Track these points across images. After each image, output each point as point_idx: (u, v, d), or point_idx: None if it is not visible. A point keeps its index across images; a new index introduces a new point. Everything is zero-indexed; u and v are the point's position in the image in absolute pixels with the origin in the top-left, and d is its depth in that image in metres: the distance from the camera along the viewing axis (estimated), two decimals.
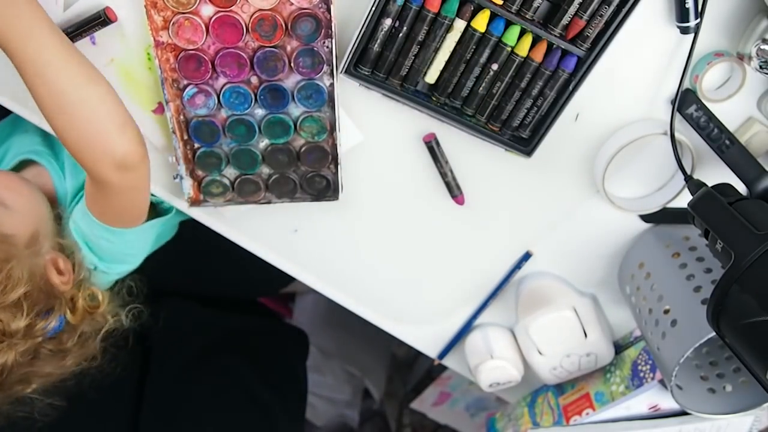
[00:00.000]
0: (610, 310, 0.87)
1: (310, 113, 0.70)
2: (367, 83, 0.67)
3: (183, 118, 0.69)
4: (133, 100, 0.69)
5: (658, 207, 0.76)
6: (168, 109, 0.68)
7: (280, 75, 0.67)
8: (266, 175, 0.75)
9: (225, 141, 0.71)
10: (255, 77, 0.67)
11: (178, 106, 0.68)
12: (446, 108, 0.69)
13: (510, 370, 0.86)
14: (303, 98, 0.68)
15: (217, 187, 0.74)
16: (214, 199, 0.75)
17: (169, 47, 0.64)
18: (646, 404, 0.80)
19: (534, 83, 0.66)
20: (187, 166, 0.72)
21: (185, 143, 0.71)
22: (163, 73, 0.65)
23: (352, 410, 1.55)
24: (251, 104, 0.68)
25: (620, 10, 0.61)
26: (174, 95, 0.67)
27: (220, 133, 0.70)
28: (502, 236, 0.82)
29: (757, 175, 0.64)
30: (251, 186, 0.75)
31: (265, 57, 0.65)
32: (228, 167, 0.73)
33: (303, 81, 0.67)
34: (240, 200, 0.75)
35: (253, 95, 0.68)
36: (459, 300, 0.88)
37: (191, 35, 0.63)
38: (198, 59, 0.65)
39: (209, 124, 0.70)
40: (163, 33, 0.63)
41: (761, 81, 0.70)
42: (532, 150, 0.71)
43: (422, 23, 0.63)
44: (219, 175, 0.74)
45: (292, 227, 0.80)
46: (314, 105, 0.69)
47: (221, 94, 0.68)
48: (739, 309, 0.54)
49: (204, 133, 0.70)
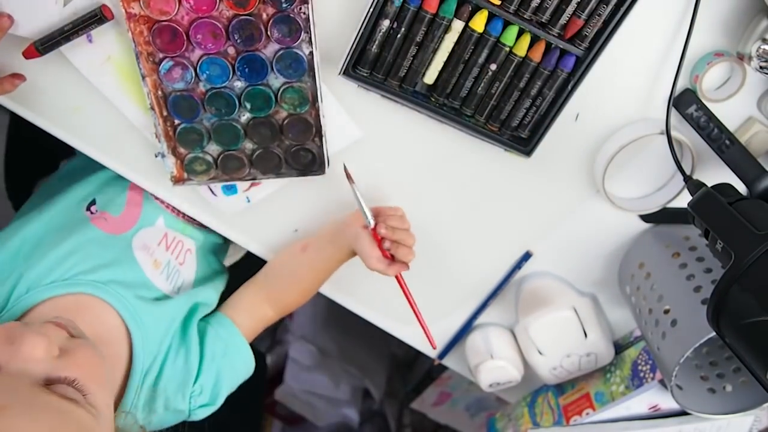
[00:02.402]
0: (610, 310, 0.87)
1: (290, 83, 0.68)
2: (366, 84, 0.67)
3: (161, 93, 0.67)
4: (130, 97, 0.69)
5: (658, 207, 0.76)
6: (145, 85, 0.66)
7: (258, 44, 0.65)
8: (250, 150, 0.73)
9: (205, 116, 0.69)
10: (232, 48, 0.65)
11: (155, 80, 0.66)
12: (445, 108, 0.69)
13: (510, 370, 0.86)
14: (282, 68, 0.66)
15: (201, 164, 0.72)
16: (198, 177, 0.73)
17: (142, 19, 0.62)
18: (646, 404, 0.80)
19: (533, 83, 0.66)
20: (169, 144, 0.70)
21: (165, 120, 0.69)
22: (137, 47, 0.63)
23: (352, 410, 1.55)
24: (230, 76, 0.66)
25: (618, 9, 0.61)
26: (150, 69, 0.65)
27: (199, 107, 0.68)
28: (502, 236, 0.82)
29: (757, 175, 0.64)
30: (235, 162, 0.73)
31: (240, 25, 0.63)
32: (210, 143, 0.71)
33: (281, 50, 0.65)
34: (224, 177, 0.74)
35: (231, 67, 0.66)
36: (459, 300, 0.88)
37: (163, 5, 0.62)
38: (172, 30, 0.63)
39: (188, 98, 0.67)
40: (135, 4, 0.61)
41: (761, 81, 0.69)
42: (532, 150, 0.71)
43: (420, 24, 0.63)
44: (201, 152, 0.71)
45: (292, 227, 0.80)
46: (294, 75, 0.67)
47: (198, 67, 0.66)
48: (739, 309, 0.54)
49: (183, 108, 0.68)
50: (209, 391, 0.71)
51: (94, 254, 0.68)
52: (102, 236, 0.71)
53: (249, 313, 0.77)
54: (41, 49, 0.63)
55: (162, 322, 0.69)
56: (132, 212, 0.75)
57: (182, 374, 0.70)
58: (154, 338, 0.68)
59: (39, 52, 0.64)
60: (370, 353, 1.55)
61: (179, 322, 0.72)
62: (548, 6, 0.61)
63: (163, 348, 0.69)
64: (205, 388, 0.71)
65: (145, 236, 0.75)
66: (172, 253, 0.76)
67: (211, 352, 0.72)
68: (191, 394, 0.70)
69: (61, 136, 0.72)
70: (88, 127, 0.72)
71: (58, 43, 0.63)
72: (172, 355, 0.69)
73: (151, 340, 0.68)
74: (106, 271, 0.67)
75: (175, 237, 0.78)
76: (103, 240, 0.70)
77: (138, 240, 0.73)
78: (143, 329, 0.67)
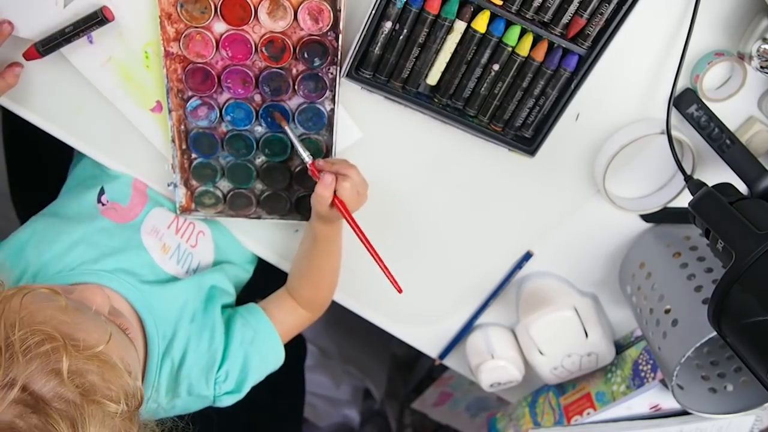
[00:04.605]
0: (611, 309, 0.87)
1: (308, 135, 0.71)
2: (369, 86, 0.67)
3: (184, 128, 0.70)
4: (131, 98, 0.69)
5: (658, 207, 0.76)
6: (170, 118, 0.68)
7: (284, 96, 0.68)
8: (259, 191, 0.75)
9: (222, 154, 0.72)
10: (259, 95, 0.68)
11: (180, 115, 0.69)
12: (448, 109, 0.69)
13: (511, 370, 0.86)
14: (303, 120, 0.70)
15: (210, 198, 0.75)
16: (205, 209, 0.76)
17: (178, 58, 0.65)
18: (647, 404, 0.80)
19: (536, 83, 0.66)
20: (183, 175, 0.73)
21: (183, 153, 0.72)
22: (169, 83, 0.66)
23: (353, 410, 1.55)
24: (252, 121, 0.69)
25: (621, 8, 0.61)
26: (177, 105, 0.68)
27: (218, 145, 0.71)
28: (502, 236, 0.82)
29: (758, 175, 0.64)
30: (243, 200, 0.75)
31: (270, 77, 0.66)
32: (222, 180, 0.74)
33: (305, 104, 0.69)
34: (230, 213, 0.76)
35: (255, 112, 0.69)
36: (460, 300, 0.88)
37: (201, 49, 0.64)
38: (205, 72, 0.66)
39: (209, 136, 0.70)
40: (174, 44, 0.64)
41: (762, 80, 0.70)
42: (536, 149, 0.71)
43: (422, 25, 0.63)
44: (213, 187, 0.75)
45: (293, 227, 0.80)
46: (313, 128, 0.70)
47: (224, 109, 0.69)
48: (740, 308, 0.54)
49: (203, 145, 0.71)
50: (235, 378, 0.71)
51: (100, 243, 0.69)
52: (110, 226, 0.71)
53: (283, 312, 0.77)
54: (42, 51, 0.63)
55: (174, 303, 0.70)
56: (140, 198, 0.76)
57: (206, 358, 0.70)
58: (166, 319, 0.68)
59: (40, 54, 0.64)
60: (370, 353, 1.55)
61: (199, 303, 0.72)
62: (550, 5, 0.62)
63: (182, 331, 0.69)
64: (231, 375, 0.71)
65: (155, 219, 0.75)
66: (182, 237, 0.76)
67: (239, 338, 0.72)
68: (216, 379, 0.70)
69: (62, 136, 0.72)
70: (89, 128, 0.72)
71: (59, 45, 0.63)
72: (194, 340, 0.70)
73: (164, 322, 0.68)
74: (110, 259, 0.68)
75: (185, 218, 0.78)
76: (110, 230, 0.71)
77: (147, 224, 0.74)
78: (153, 312, 0.67)
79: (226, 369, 0.71)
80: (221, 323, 0.72)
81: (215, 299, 0.74)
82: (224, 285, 0.77)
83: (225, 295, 0.76)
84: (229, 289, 0.77)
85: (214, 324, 0.71)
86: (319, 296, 0.79)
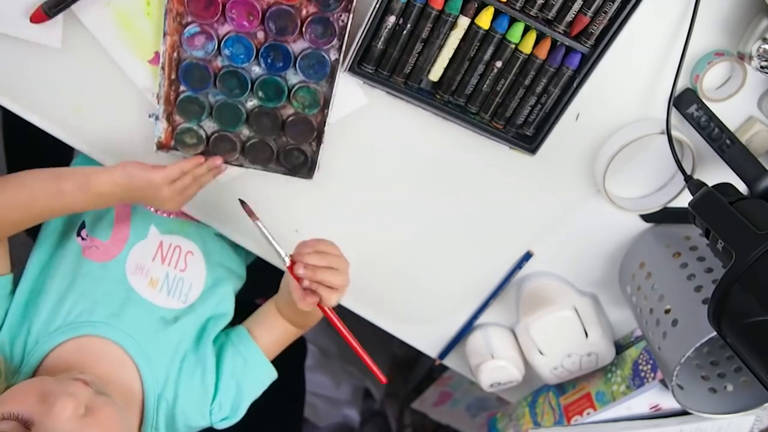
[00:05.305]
0: (611, 309, 0.87)
1: (307, 83, 0.67)
2: (371, 81, 0.67)
3: (176, 56, 0.65)
4: (129, 47, 0.66)
5: (658, 207, 0.76)
6: (163, 43, 0.63)
7: (288, 37, 0.64)
8: (245, 137, 0.71)
9: (213, 91, 0.67)
10: (262, 32, 0.64)
11: (174, 41, 0.64)
12: (450, 105, 0.69)
13: (511, 370, 0.86)
14: (305, 67, 0.66)
15: (192, 137, 0.70)
16: (185, 149, 0.71)
17: None
18: (647, 404, 0.80)
19: (538, 80, 0.66)
20: (166, 108, 0.68)
21: (171, 83, 0.66)
22: (169, 3, 0.61)
23: (353, 410, 1.55)
24: (251, 59, 0.65)
25: (624, 6, 0.61)
26: (174, 29, 0.63)
27: (210, 81, 0.66)
28: (502, 236, 0.82)
29: (758, 175, 0.64)
30: (227, 144, 0.71)
31: (278, 14, 0.62)
32: (208, 119, 0.69)
33: (309, 49, 0.65)
34: (211, 154, 0.71)
35: (255, 50, 0.65)
36: (460, 300, 0.88)
37: None
38: None
39: (202, 68, 0.65)
40: None
41: (762, 80, 0.70)
42: (537, 147, 0.71)
43: (426, 21, 0.63)
44: (197, 125, 0.69)
45: (292, 227, 0.80)
46: (314, 76, 0.66)
47: (223, 41, 0.64)
48: (740, 309, 0.54)
49: (194, 78, 0.66)
50: (229, 405, 0.73)
51: (89, 291, 0.70)
52: (95, 268, 0.72)
53: (270, 330, 0.77)
54: (49, 12, 0.62)
55: (167, 347, 0.71)
56: (121, 231, 0.75)
57: (199, 394, 0.71)
58: (160, 364, 0.70)
59: (47, 15, 0.62)
60: (370, 353, 1.55)
61: (190, 343, 0.73)
62: (554, 3, 0.62)
63: (173, 371, 0.70)
64: (224, 404, 0.73)
65: (138, 254, 0.75)
66: (168, 264, 0.76)
67: (230, 369, 0.73)
68: (211, 411, 0.72)
69: (62, 136, 0.72)
70: (89, 128, 0.72)
71: (67, 5, 0.61)
72: (186, 377, 0.71)
73: (159, 367, 0.69)
74: (103, 308, 0.69)
75: (171, 243, 0.77)
76: (96, 273, 0.71)
77: (131, 261, 0.74)
78: (148, 359, 0.69)
79: (219, 401, 0.72)
80: (212, 357, 0.73)
81: (208, 332, 0.74)
82: (222, 309, 0.78)
83: (222, 319, 0.77)
84: (226, 310, 0.78)
85: (205, 360, 0.72)
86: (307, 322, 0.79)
